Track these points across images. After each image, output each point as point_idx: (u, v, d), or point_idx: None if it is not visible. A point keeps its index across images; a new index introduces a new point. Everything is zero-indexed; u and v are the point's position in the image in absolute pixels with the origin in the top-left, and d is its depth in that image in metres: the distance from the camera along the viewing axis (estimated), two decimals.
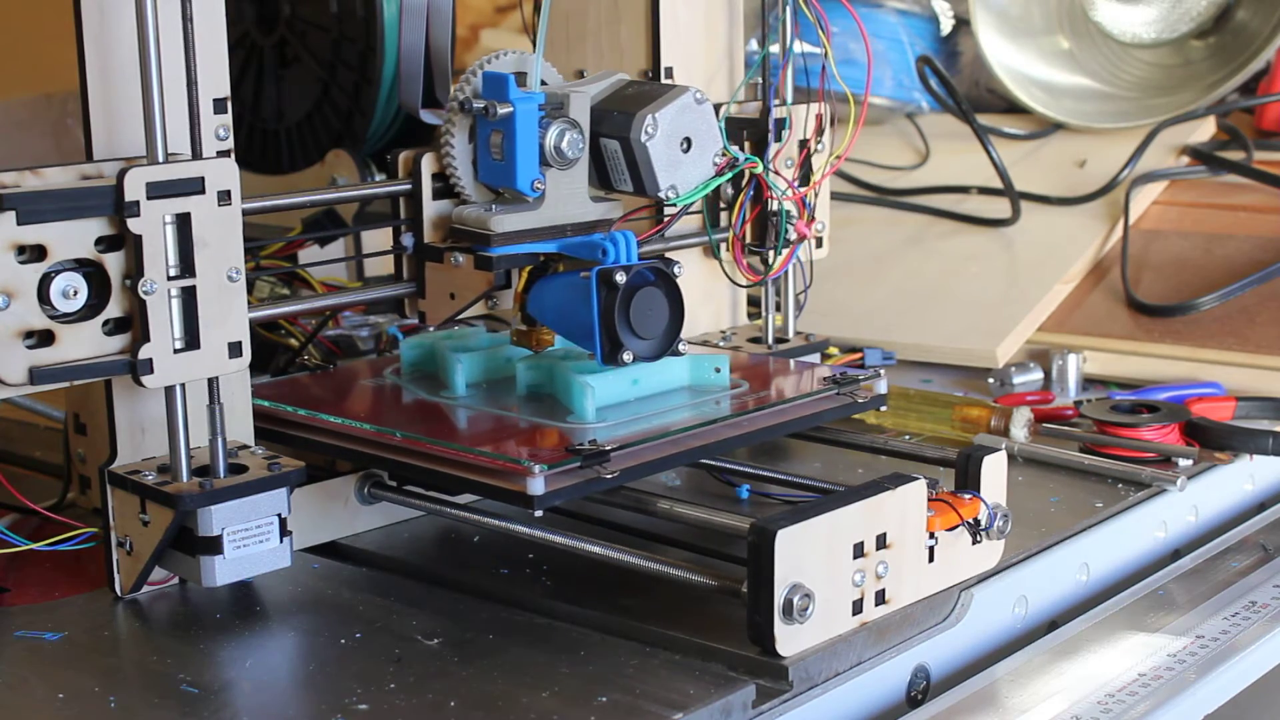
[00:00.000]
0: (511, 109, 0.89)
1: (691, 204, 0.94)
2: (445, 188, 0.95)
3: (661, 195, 0.91)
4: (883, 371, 0.99)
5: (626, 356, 0.86)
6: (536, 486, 0.80)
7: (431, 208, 0.96)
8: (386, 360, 1.05)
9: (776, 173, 1.06)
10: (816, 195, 1.12)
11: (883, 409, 1.01)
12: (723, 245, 1.11)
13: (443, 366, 0.98)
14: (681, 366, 0.95)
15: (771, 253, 1.09)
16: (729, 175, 0.95)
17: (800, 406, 0.95)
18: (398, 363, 1.02)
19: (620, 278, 0.86)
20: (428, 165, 0.95)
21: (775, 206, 1.07)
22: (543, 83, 0.93)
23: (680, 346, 0.89)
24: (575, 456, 0.82)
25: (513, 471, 0.81)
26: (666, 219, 0.97)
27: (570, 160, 0.91)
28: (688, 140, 0.91)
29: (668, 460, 0.86)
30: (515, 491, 0.81)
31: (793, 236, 1.08)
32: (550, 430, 0.89)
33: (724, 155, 0.93)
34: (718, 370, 0.96)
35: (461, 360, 0.97)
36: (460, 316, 0.97)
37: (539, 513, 0.81)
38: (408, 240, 0.97)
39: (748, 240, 1.09)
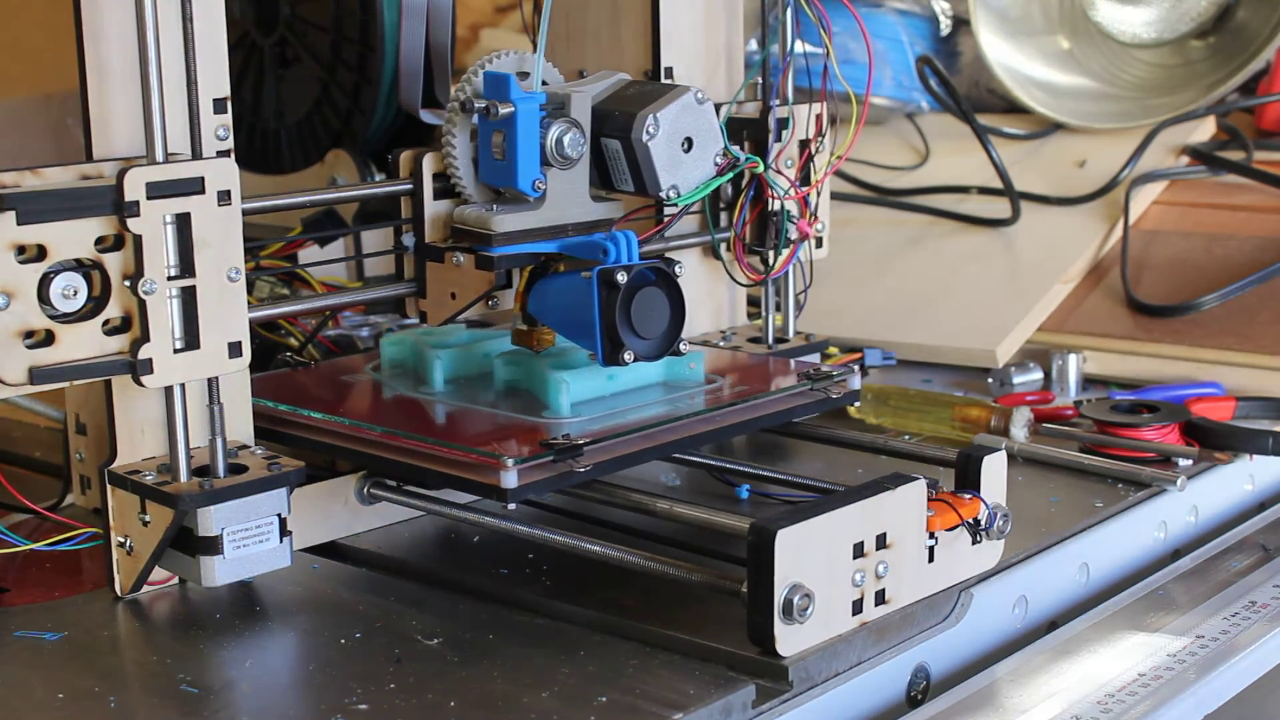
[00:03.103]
0: (513, 109, 0.89)
1: (692, 204, 0.94)
2: (446, 187, 0.95)
3: (663, 195, 0.91)
4: (856, 367, 0.99)
5: (627, 356, 0.87)
6: (509, 480, 0.81)
7: (432, 207, 0.96)
8: (369, 357, 1.06)
9: (779, 172, 1.06)
10: (819, 195, 1.12)
11: (856, 404, 1.01)
12: (724, 245, 1.11)
13: (422, 363, 0.99)
14: (657, 362, 0.95)
15: (771, 252, 1.09)
16: (730, 175, 0.95)
17: (773, 401, 0.95)
18: (379, 359, 1.03)
19: (621, 278, 0.86)
20: (429, 165, 0.95)
21: (776, 206, 1.07)
22: (543, 83, 0.94)
23: (681, 346, 0.89)
24: (548, 450, 0.83)
25: (486, 465, 0.82)
26: (666, 219, 0.97)
27: (571, 160, 0.91)
28: (689, 140, 0.91)
29: (641, 454, 0.88)
30: (489, 485, 0.82)
31: (794, 236, 1.08)
32: (525, 425, 0.90)
33: (725, 155, 0.93)
34: (693, 366, 0.96)
35: (440, 356, 0.97)
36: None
37: (512, 505, 0.83)
38: (409, 240, 0.97)
39: (748, 240, 1.09)
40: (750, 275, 1.09)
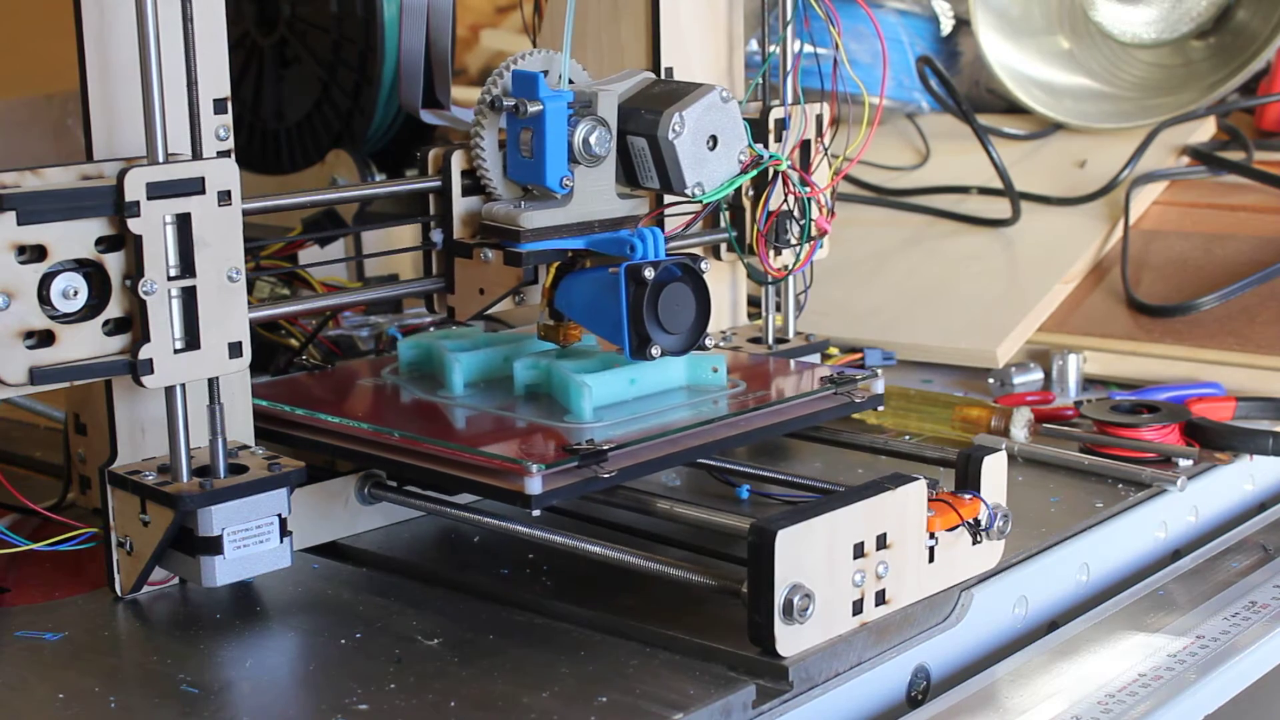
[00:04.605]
0: (541, 107, 0.89)
1: (715, 201, 0.95)
2: (474, 184, 0.96)
3: (688, 192, 0.91)
4: (880, 371, 0.99)
5: (654, 351, 0.87)
6: (534, 486, 0.80)
7: (461, 204, 0.96)
8: (384, 360, 1.05)
9: (794, 168, 1.06)
10: (835, 191, 1.12)
11: (879, 409, 1.01)
12: (725, 245, 1.10)
13: (440, 366, 0.98)
14: (679, 366, 0.95)
15: (780, 249, 1.09)
16: (754, 172, 0.95)
17: (797, 406, 0.95)
18: (395, 362, 1.02)
19: (649, 273, 0.86)
20: (457, 162, 0.96)
21: (791, 203, 1.07)
22: (570, 81, 0.94)
23: (706, 341, 0.89)
24: (572, 456, 0.82)
25: (510, 471, 0.82)
26: (693, 215, 0.97)
27: (598, 157, 0.91)
28: (714, 138, 0.91)
29: (665, 460, 0.87)
30: (513, 491, 0.81)
31: (813, 232, 1.08)
32: (548, 430, 0.89)
33: (748, 153, 0.93)
34: (715, 370, 0.96)
35: (459, 360, 0.97)
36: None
37: (537, 512, 0.81)
38: (437, 236, 0.97)
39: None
40: (775, 271, 1.09)
